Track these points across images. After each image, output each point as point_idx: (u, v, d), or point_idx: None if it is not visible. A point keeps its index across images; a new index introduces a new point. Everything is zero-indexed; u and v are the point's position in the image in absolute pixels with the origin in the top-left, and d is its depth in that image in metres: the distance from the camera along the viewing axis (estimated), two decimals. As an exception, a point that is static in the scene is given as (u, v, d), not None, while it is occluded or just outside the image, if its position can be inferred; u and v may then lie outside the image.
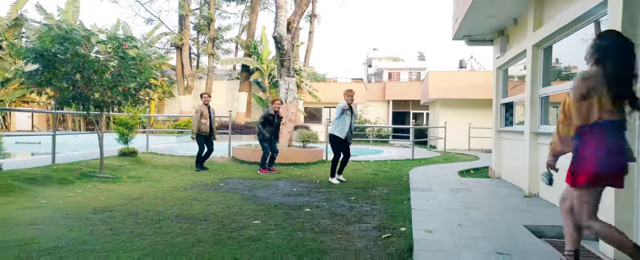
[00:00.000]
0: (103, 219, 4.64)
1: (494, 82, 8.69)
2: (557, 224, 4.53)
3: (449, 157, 14.23)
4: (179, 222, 4.60)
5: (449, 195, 6.39)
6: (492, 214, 5.07)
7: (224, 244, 3.81)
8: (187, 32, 22.57)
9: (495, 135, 8.71)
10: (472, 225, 4.45)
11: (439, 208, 5.37)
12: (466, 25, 8.16)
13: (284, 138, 11.36)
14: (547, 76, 6.17)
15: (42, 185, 6.32)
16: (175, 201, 5.72)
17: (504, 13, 7.31)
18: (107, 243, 3.77)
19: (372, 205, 5.72)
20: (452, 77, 20.17)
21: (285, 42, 11.34)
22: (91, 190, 6.35)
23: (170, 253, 3.51)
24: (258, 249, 3.66)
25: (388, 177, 8.73)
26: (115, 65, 7.31)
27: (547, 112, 6.16)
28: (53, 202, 5.47)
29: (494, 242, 3.82)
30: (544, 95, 6.15)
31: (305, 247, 3.76)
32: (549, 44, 6.01)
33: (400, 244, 3.87)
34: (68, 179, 6.90)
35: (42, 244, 3.69)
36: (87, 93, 7.19)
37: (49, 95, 7.61)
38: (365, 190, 6.99)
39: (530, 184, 6.31)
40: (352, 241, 3.98)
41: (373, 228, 4.50)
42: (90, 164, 8.11)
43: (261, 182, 7.65)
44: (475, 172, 9.95)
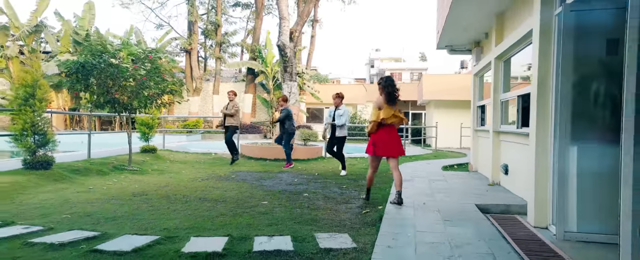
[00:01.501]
0: (142, 200, 5.87)
1: (471, 87, 9.87)
2: (501, 203, 5.73)
3: (439, 154, 15.40)
4: (203, 202, 5.82)
5: (425, 184, 7.58)
6: (454, 197, 6.26)
7: (240, 215, 5.03)
8: (195, 37, 23.86)
9: (473, 134, 9.89)
10: (433, 204, 5.65)
11: (413, 193, 6.56)
12: (446, 36, 9.34)
13: (287, 137, 12.56)
14: (507, 84, 7.34)
15: (85, 176, 7.56)
16: (196, 188, 6.94)
17: (475, 28, 8.49)
18: (151, 215, 4.99)
19: (360, 192, 6.92)
20: (444, 79, 21.32)
21: (288, 50, 12.54)
22: (125, 180, 7.59)
23: (201, 221, 4.73)
24: (266, 219, 4.87)
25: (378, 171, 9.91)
26: (142, 74, 8.54)
27: (507, 113, 7.34)
28: (98, 188, 6.71)
29: (445, 214, 5.02)
30: (503, 99, 7.33)
31: (303, 218, 4.97)
32: (507, 57, 7.19)
33: (374, 216, 5.07)
34: (104, 170, 8.15)
35: (104, 215, 4.92)
36: (118, 98, 8.42)
37: (87, 99, 8.84)
38: (356, 181, 8.18)
39: (493, 174, 7.50)
40: (339, 215, 5.18)
41: (356, 207, 5.70)
42: (118, 159, 9.34)
43: (267, 174, 8.86)
44: (458, 167, 11.11)
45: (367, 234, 4.22)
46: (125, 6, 26.71)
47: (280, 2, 12.58)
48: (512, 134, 6.58)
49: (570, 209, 4.25)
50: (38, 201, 5.56)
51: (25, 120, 6.66)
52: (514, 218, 5.23)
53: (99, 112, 9.26)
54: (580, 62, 4.25)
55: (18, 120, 6.61)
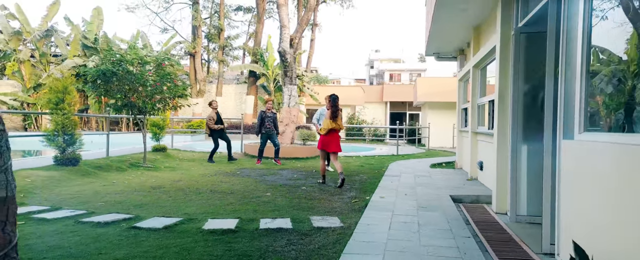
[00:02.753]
0: (161, 192, 6.77)
1: (457, 91, 10.76)
2: (473, 194, 6.62)
3: (431, 153, 16.29)
4: (214, 194, 6.71)
5: (411, 179, 8.47)
6: (433, 189, 7.15)
7: (247, 204, 5.93)
8: (199, 41, 24.80)
9: (458, 134, 10.78)
10: (413, 195, 6.54)
11: (398, 186, 7.45)
12: (432, 45, 10.23)
13: (287, 137, 13.47)
14: (483, 89, 8.23)
15: (107, 171, 8.46)
16: (206, 182, 7.84)
17: (458, 38, 9.37)
18: (171, 203, 5.89)
19: (352, 185, 7.81)
20: (438, 82, 22.21)
21: (288, 55, 13.44)
22: (142, 176, 8.49)
23: (214, 208, 5.63)
24: (269, 207, 5.77)
25: (371, 168, 10.81)
26: (155, 80, 9.43)
27: (483, 116, 8.22)
28: (120, 182, 7.61)
29: (421, 202, 5.92)
30: (480, 103, 8.22)
31: (300, 206, 5.86)
32: (483, 65, 8.07)
33: (362, 204, 5.95)
34: (122, 167, 9.05)
35: (132, 203, 5.82)
36: (134, 101, 9.32)
37: (106, 103, 9.73)
38: (350, 176, 9.06)
39: (472, 170, 8.39)
40: (332, 204, 6.08)
41: (348, 197, 6.59)
42: (133, 157, 10.24)
43: (269, 171, 9.75)
44: (446, 165, 11.99)
45: (354, 217, 5.11)
46: (131, 10, 27.59)
47: (281, 11, 13.47)
48: (485, 134, 7.47)
49: (522, 197, 5.14)
50: (74, 192, 6.46)
51: (57, 122, 7.56)
52: (481, 206, 6.11)
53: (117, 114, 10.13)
54: (528, 76, 5.14)
55: (51, 122, 7.51)
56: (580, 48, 3.19)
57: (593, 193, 2.83)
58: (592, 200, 2.83)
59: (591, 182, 2.86)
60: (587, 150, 2.96)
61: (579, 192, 3.05)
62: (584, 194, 2.98)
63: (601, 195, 2.72)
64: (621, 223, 2.45)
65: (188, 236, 4.21)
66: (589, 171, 2.90)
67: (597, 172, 2.79)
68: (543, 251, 3.81)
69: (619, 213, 2.49)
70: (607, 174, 2.65)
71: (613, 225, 2.55)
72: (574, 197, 3.14)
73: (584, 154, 3.00)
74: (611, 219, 2.57)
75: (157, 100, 9.52)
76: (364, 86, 33.26)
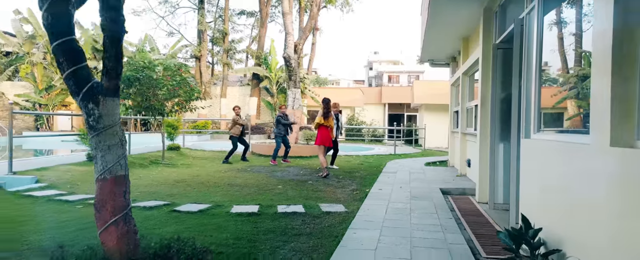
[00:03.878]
0: (185, 185, 7.66)
1: (449, 95, 11.67)
2: (460, 187, 7.53)
3: (427, 152, 17.20)
4: (231, 186, 7.61)
5: (406, 175, 9.37)
6: (425, 183, 8.06)
7: (263, 194, 6.83)
8: (205, 45, 25.72)
9: (450, 135, 11.69)
10: (407, 188, 7.45)
11: (394, 181, 8.36)
12: (427, 53, 11.15)
13: (292, 137, 14.37)
14: (471, 94, 9.14)
15: (132, 168, 9.34)
16: (222, 177, 8.73)
17: (450, 47, 10.28)
18: (197, 193, 6.79)
19: (353, 180, 8.71)
20: (433, 85, 23.14)
21: (292, 61, 14.35)
22: (163, 172, 9.38)
23: (235, 197, 6.53)
24: (283, 197, 6.66)
25: (370, 166, 11.71)
26: (173, 85, 10.33)
27: (471, 118, 9.13)
28: (146, 177, 8.50)
29: (414, 194, 6.82)
30: (468, 107, 9.13)
31: (309, 196, 6.77)
32: (471, 73, 8.99)
33: (362, 195, 6.86)
34: (144, 164, 9.94)
35: (163, 193, 6.71)
36: (154, 104, 10.21)
37: (129, 106, 10.62)
38: (351, 173, 9.96)
39: (461, 167, 9.30)
40: (336, 194, 6.98)
41: (350, 190, 7.50)
42: (152, 155, 11.14)
43: (277, 168, 10.64)
44: (440, 164, 12.89)
45: (356, 205, 6.02)
46: (137, 14, 28.45)
47: (286, 19, 14.38)
48: (472, 135, 8.38)
49: (498, 188, 6.05)
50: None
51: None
52: (467, 197, 7.02)
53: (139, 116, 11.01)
54: (503, 84, 6.05)
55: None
56: (535, 61, 4.10)
57: (539, 179, 3.74)
58: (538, 184, 3.75)
59: (538, 170, 3.77)
60: (538, 146, 3.87)
61: (530, 179, 3.96)
62: (533, 180, 3.89)
63: (544, 181, 3.63)
64: (553, 202, 3.37)
65: (220, 217, 5.11)
66: (537, 162, 3.81)
67: (542, 162, 3.70)
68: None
69: (556, 195, 3.40)
70: (548, 163, 3.56)
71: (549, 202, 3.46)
72: (527, 184, 4.05)
73: (536, 149, 3.91)
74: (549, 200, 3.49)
75: (175, 103, 10.41)
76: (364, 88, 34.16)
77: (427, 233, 4.38)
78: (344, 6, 28.54)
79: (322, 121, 9.38)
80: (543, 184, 3.66)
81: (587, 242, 2.73)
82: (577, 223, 2.91)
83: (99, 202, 2.82)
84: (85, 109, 2.73)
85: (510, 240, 3.31)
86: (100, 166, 2.78)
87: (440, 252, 3.72)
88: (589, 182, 2.72)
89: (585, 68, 3.78)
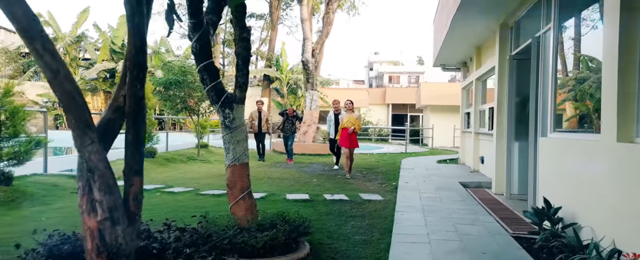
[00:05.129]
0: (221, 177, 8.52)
1: (461, 98, 12.59)
2: (476, 181, 8.44)
3: (435, 151, 18.14)
4: (272, 180, 8.49)
5: (424, 171, 10.28)
6: (444, 178, 8.97)
7: (303, 186, 7.72)
8: (218, 47, 26.58)
9: (461, 135, 12.61)
10: (430, 181, 8.36)
11: (415, 175, 9.27)
12: (440, 59, 12.06)
13: (310, 136, 15.28)
14: (483, 98, 10.05)
15: (174, 163, 10.24)
16: (258, 172, 9.60)
17: (462, 53, 11.20)
18: (246, 185, 7.66)
19: (376, 175, 9.61)
20: (440, 87, 24.08)
21: (310, 64, 15.24)
22: (203, 167, 10.27)
23: (281, 188, 7.42)
24: (321, 188, 7.55)
25: (386, 163, 12.62)
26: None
27: (483, 119, 10.04)
28: (190, 171, 9.38)
29: (437, 185, 7.73)
30: (481, 109, 10.04)
31: (345, 187, 7.66)
32: (484, 79, 9.90)
33: (392, 187, 7.76)
34: (183, 160, 10.83)
35: (217, 185, 7.59)
36: (190, 105, 11.09)
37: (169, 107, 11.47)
38: (372, 169, 10.86)
39: (474, 164, 10.22)
40: (367, 187, 7.87)
41: (378, 183, 8.39)
42: (187, 152, 12.02)
43: (302, 164, 11.53)
44: (450, 162, 13.80)
45: (390, 195, 6.91)
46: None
47: (304, 26, 15.27)
48: (486, 134, 9.29)
49: (514, 181, 6.95)
50: (164, 177, 8.24)
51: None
52: (483, 190, 7.92)
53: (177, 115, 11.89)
54: (518, 90, 6.95)
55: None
56: (551, 73, 5.01)
57: (555, 170, 4.65)
58: (554, 174, 4.66)
59: (555, 163, 4.68)
60: (554, 144, 4.78)
61: (548, 170, 4.87)
62: (550, 171, 4.80)
63: (559, 172, 4.54)
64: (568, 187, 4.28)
65: (280, 203, 6.01)
66: (553, 156, 4.72)
67: (557, 156, 4.61)
68: (527, 213, 5.61)
69: (568, 182, 4.31)
70: (562, 158, 4.47)
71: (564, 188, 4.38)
72: (545, 174, 4.96)
73: (553, 146, 4.82)
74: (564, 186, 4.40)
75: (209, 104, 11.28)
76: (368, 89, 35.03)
77: (462, 215, 5.28)
78: (351, 9, 29.40)
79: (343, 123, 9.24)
80: (558, 174, 4.56)
81: (594, 215, 3.63)
82: (587, 202, 3.81)
83: (230, 182, 3.71)
84: (222, 113, 3.62)
85: (535, 217, 4.22)
86: (231, 155, 3.66)
87: (477, 227, 4.63)
88: (598, 171, 3.62)
89: (583, 71, 4.71)
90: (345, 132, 9.10)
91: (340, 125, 9.31)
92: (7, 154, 5.21)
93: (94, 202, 1.99)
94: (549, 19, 5.12)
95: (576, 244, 3.44)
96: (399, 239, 4.08)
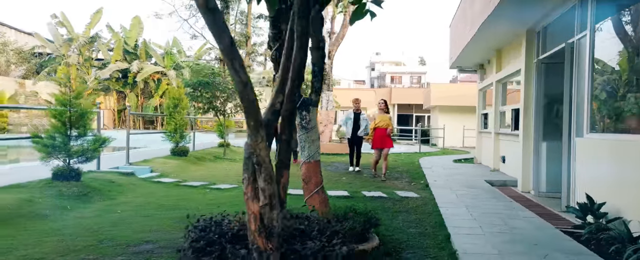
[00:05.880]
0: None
1: (477, 99, 12.93)
2: (501, 179, 8.77)
3: (447, 151, 18.48)
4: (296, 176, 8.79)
5: (443, 170, 10.61)
6: (468, 177, 9.29)
7: (335, 184, 8.04)
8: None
9: (477, 135, 12.95)
10: (455, 179, 8.69)
11: (438, 174, 9.59)
12: (457, 62, 12.40)
13: (326, 136, 15.60)
14: (504, 99, 10.39)
15: (204, 161, 10.56)
16: (287, 171, 9.92)
17: (480, 56, 11.54)
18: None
19: (400, 174, 9.94)
20: (449, 87, 24.45)
21: (326, 66, 15.55)
22: (230, 166, 10.58)
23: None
24: (354, 186, 7.87)
25: (405, 162, 12.94)
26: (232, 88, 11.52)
27: (504, 120, 10.38)
28: (220, 169, 9.70)
29: (465, 183, 8.06)
30: (501, 110, 10.38)
31: (377, 186, 7.98)
32: (504, 82, 10.23)
33: (422, 185, 8.08)
34: (211, 159, 11.15)
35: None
36: (217, 105, 11.41)
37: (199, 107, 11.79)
38: (393, 168, 11.17)
39: (494, 163, 10.55)
40: (396, 185, 8.20)
41: (405, 182, 8.72)
42: (212, 151, 12.34)
43: (324, 163, 11.80)
44: (465, 161, 14.14)
45: (424, 192, 7.23)
46: (159, 17, 29.60)
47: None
48: (508, 134, 9.62)
49: (542, 179, 7.28)
50: (201, 175, 8.56)
51: (175, 123, 9.66)
52: (509, 188, 8.25)
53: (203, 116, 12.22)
54: (547, 92, 7.28)
55: (170, 122, 9.62)
56: (587, 77, 5.33)
57: (593, 169, 4.98)
58: (593, 172, 4.99)
59: (594, 162, 5.01)
60: (591, 144, 5.11)
61: (586, 169, 5.20)
62: (588, 170, 5.13)
63: (599, 170, 4.87)
64: (609, 184, 4.61)
65: (324, 200, 6.32)
66: (591, 155, 5.05)
67: (593, 157, 4.94)
68: (561, 210, 5.94)
69: (608, 179, 4.64)
70: (601, 158, 4.80)
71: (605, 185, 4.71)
72: (583, 173, 5.30)
73: (590, 146, 5.15)
74: (604, 183, 4.73)
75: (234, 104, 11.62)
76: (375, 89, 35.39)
77: (501, 210, 5.61)
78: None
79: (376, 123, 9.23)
80: (598, 172, 4.90)
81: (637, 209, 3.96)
82: (632, 197, 4.14)
83: (306, 177, 4.05)
84: (300, 115, 3.94)
85: (579, 212, 4.55)
86: (306, 153, 4.00)
87: (521, 221, 4.96)
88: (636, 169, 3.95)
89: (623, 74, 5.05)
90: (379, 133, 9.09)
91: (373, 126, 9.26)
92: (76, 151, 5.53)
93: (257, 191, 2.33)
94: (585, 26, 5.45)
95: (627, 235, 3.76)
96: (456, 231, 4.41)
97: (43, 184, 5.39)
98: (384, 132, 9.11)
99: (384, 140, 9.13)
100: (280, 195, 2.53)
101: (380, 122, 9.18)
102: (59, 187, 5.28)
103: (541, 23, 7.35)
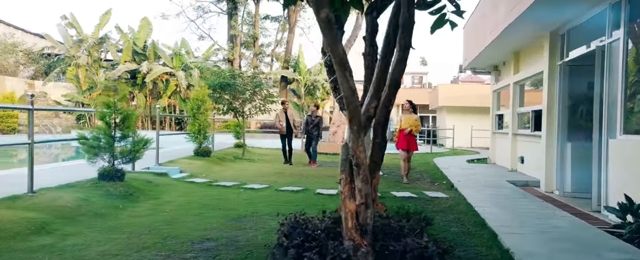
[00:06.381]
0: (277, 175, 8.95)
1: (491, 100, 13.07)
2: (522, 179, 8.90)
3: (457, 152, 18.62)
4: (319, 177, 8.88)
5: (460, 170, 10.74)
6: (489, 177, 9.43)
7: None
8: (237, 49, 27.07)
9: (492, 136, 13.10)
10: (477, 180, 8.81)
11: (458, 174, 9.72)
12: (472, 63, 12.54)
13: (339, 136, 15.74)
14: (521, 100, 10.53)
15: (225, 161, 10.68)
16: (301, 171, 10.01)
17: (495, 58, 11.68)
18: (290, 180, 8.10)
19: (420, 174, 10.07)
20: (457, 88, 24.61)
21: (340, 67, 15.68)
22: (251, 165, 10.71)
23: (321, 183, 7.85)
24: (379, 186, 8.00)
25: (420, 163, 13.08)
26: (253, 89, 11.66)
27: (522, 121, 10.52)
28: (243, 169, 9.82)
29: (488, 184, 8.20)
30: (519, 112, 10.52)
31: (402, 187, 8.11)
32: (522, 83, 10.38)
33: (445, 185, 8.22)
34: (230, 159, 11.27)
35: (278, 182, 8.03)
36: (237, 106, 11.54)
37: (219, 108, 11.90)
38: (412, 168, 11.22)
39: (512, 163, 10.69)
40: (419, 185, 8.33)
41: (428, 182, 8.85)
42: (231, 152, 12.47)
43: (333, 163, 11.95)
44: (478, 161, 14.28)
45: (452, 193, 7.35)
46: (165, 18, 29.71)
47: (335, 29, 15.70)
48: (527, 135, 9.75)
49: (567, 179, 7.42)
50: (228, 175, 8.68)
51: (199, 124, 9.79)
52: (532, 188, 8.38)
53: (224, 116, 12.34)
54: (572, 94, 7.42)
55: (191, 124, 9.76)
56: (620, 80, 5.47)
57: (628, 170, 5.12)
58: (629, 173, 5.13)
59: (626, 164, 5.15)
60: (625, 145, 5.25)
61: (619, 169, 5.34)
62: (623, 170, 5.27)
63: (631, 171, 5.01)
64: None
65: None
66: (624, 157, 5.19)
67: (629, 158, 5.08)
68: (592, 210, 6.07)
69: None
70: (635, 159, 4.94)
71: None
72: (617, 173, 5.43)
73: (623, 147, 5.29)
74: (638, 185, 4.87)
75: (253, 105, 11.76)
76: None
77: (536, 210, 5.75)
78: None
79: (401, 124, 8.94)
80: (632, 173, 5.03)
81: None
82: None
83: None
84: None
85: (619, 212, 4.69)
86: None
87: (559, 221, 5.09)
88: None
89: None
90: (403, 134, 8.84)
91: (398, 127, 9.09)
92: (121, 152, 5.67)
93: (354, 190, 2.46)
94: (618, 28, 5.59)
95: (671, 233, 3.90)
96: (500, 230, 4.54)
97: (90, 184, 5.52)
98: (408, 133, 8.86)
99: (410, 141, 8.98)
100: (372, 195, 2.67)
101: (404, 123, 8.92)
102: (107, 187, 5.41)
103: (566, 26, 7.49)
